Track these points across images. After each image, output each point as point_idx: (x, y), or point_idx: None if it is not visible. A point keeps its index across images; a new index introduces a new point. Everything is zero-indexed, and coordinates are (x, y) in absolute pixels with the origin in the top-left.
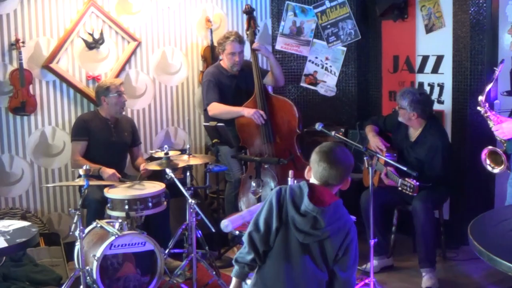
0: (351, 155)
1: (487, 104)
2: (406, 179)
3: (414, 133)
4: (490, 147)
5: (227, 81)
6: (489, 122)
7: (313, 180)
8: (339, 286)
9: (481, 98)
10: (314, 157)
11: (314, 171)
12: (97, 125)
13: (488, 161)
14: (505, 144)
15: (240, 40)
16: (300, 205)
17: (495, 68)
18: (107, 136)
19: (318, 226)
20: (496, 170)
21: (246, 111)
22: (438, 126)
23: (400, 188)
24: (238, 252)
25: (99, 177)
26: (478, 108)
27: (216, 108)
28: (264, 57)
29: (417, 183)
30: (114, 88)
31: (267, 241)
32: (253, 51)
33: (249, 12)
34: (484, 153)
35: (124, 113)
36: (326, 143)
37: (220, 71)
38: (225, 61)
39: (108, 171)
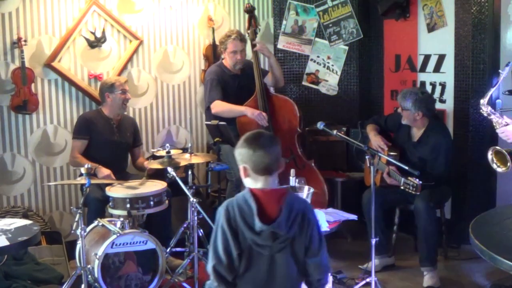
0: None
1: (489, 107)
2: (409, 178)
3: (417, 132)
4: (497, 147)
5: (229, 80)
6: (494, 124)
7: (254, 180)
8: (313, 269)
9: (482, 101)
10: (245, 151)
11: (254, 165)
12: (100, 124)
13: (494, 160)
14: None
15: (241, 39)
16: (253, 224)
17: (500, 71)
18: (109, 136)
19: (279, 236)
20: (501, 170)
21: (250, 112)
22: (441, 125)
23: (402, 187)
24: (208, 284)
25: (95, 175)
26: (481, 111)
27: (219, 106)
28: (265, 58)
29: (420, 182)
30: (119, 85)
31: (233, 269)
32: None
33: (250, 11)
34: (490, 153)
35: (126, 112)
36: (246, 134)
37: (223, 70)
38: (227, 60)
39: (104, 171)
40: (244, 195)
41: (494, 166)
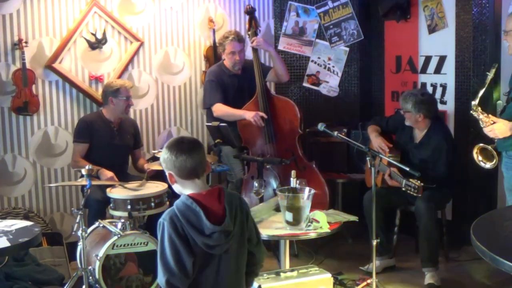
0: (197, 139)
1: (479, 108)
2: (411, 179)
3: (419, 134)
4: (480, 144)
5: (229, 81)
6: (480, 123)
7: (181, 185)
8: (259, 257)
9: (474, 103)
10: (168, 157)
11: (178, 171)
12: (100, 127)
13: (480, 158)
14: (496, 140)
15: (239, 39)
16: (202, 227)
17: (487, 72)
18: (109, 139)
19: (230, 230)
20: (488, 166)
21: (247, 115)
22: (443, 127)
23: (404, 189)
24: None
25: (97, 178)
26: (471, 112)
27: (220, 110)
28: (267, 54)
29: (422, 184)
30: (124, 90)
31: (187, 277)
32: (254, 50)
33: (250, 12)
34: (475, 151)
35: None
36: (169, 141)
37: (223, 70)
38: (226, 60)
39: (107, 174)
40: (184, 202)
41: (482, 164)
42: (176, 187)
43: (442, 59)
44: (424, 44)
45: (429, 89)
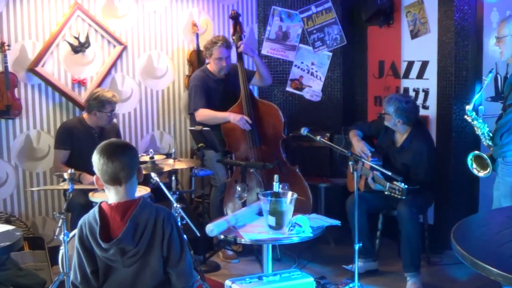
0: (129, 144)
1: (474, 113)
2: (394, 182)
3: (400, 138)
4: (476, 152)
5: (214, 85)
6: (476, 129)
7: (107, 190)
8: (175, 279)
9: (468, 107)
10: (95, 159)
11: (101, 174)
12: (81, 133)
13: (474, 165)
14: (491, 149)
15: (227, 45)
16: (99, 241)
17: (484, 77)
18: (90, 145)
19: (128, 250)
20: (482, 174)
21: (232, 117)
22: (424, 132)
23: (388, 192)
24: None
25: (80, 182)
26: (466, 117)
27: (203, 114)
28: (250, 59)
29: (406, 186)
30: (109, 106)
31: (90, 284)
32: (239, 55)
33: (235, 18)
34: (470, 158)
35: None
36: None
37: (207, 75)
38: (212, 65)
39: (89, 178)
40: (94, 210)
41: (475, 172)
42: (106, 192)
43: (424, 64)
44: (406, 49)
45: (411, 94)
